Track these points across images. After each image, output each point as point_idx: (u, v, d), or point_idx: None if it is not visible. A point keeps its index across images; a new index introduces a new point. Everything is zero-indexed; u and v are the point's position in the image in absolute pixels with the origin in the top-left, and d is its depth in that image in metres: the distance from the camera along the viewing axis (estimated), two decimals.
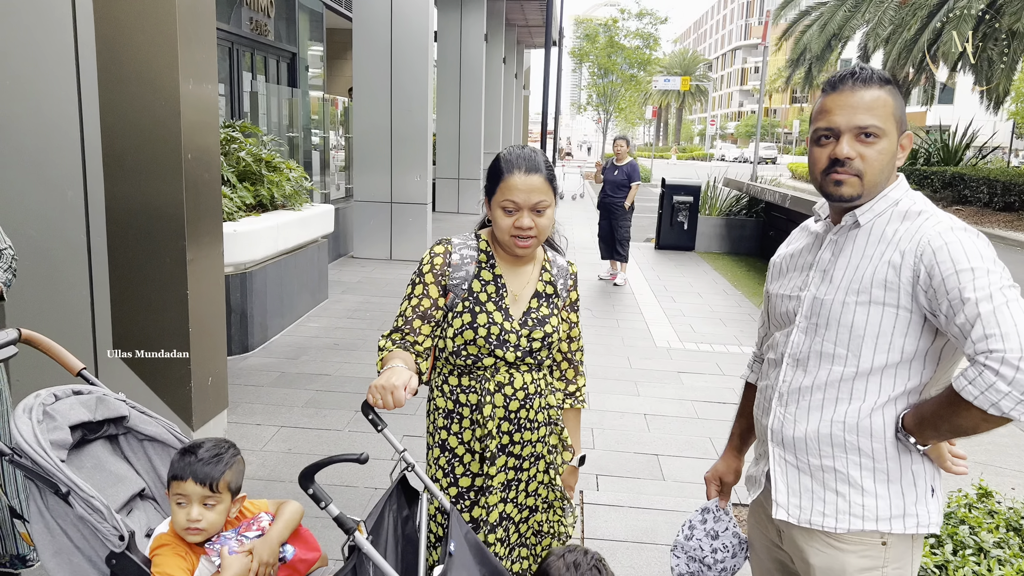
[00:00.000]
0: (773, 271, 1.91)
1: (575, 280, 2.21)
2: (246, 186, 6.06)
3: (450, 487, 2.07)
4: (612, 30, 37.05)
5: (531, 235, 1.96)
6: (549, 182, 1.98)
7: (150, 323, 3.59)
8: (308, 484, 1.59)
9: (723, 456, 2.12)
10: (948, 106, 40.09)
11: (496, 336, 1.99)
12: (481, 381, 2.02)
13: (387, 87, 9.87)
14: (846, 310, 1.62)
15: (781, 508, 1.73)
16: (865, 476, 1.64)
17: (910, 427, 1.59)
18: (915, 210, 1.63)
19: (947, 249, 1.50)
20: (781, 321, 1.81)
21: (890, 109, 1.61)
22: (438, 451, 2.10)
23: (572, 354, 2.24)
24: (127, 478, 2.16)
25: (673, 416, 4.99)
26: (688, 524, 2.09)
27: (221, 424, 4.01)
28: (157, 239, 3.53)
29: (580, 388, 2.26)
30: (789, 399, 1.73)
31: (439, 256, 2.05)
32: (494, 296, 2.03)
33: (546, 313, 2.07)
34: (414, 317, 2.03)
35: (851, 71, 1.64)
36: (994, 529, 2.89)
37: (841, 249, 1.68)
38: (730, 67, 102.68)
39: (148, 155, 3.47)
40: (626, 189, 9.14)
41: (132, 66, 3.42)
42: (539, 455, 2.12)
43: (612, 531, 3.50)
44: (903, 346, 1.58)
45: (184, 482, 1.84)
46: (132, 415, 2.19)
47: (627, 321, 7.56)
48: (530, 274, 2.10)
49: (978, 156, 22.72)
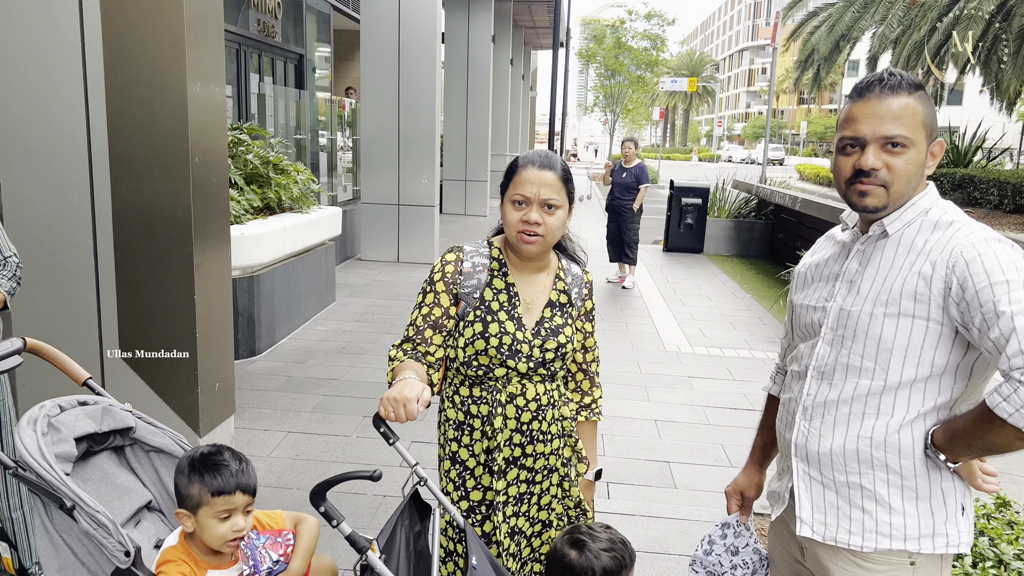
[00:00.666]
0: (797, 281, 1.86)
1: (590, 289, 2.16)
2: (253, 189, 6.03)
3: (461, 500, 2.03)
4: (619, 31, 36.99)
5: (538, 232, 1.91)
6: (564, 183, 1.95)
7: (157, 328, 3.56)
8: (320, 502, 1.54)
9: (744, 470, 2.07)
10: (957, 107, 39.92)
11: (508, 346, 1.94)
12: (492, 392, 1.97)
13: (395, 89, 9.83)
14: (874, 322, 1.56)
15: (805, 525, 1.68)
16: (893, 494, 1.58)
17: (940, 444, 1.54)
18: (946, 220, 1.57)
19: (981, 260, 1.45)
20: (806, 332, 1.76)
21: (919, 117, 1.56)
22: (448, 463, 2.05)
23: (587, 365, 2.18)
24: (134, 490, 2.11)
25: (684, 422, 4.93)
26: (708, 539, 2.04)
27: (228, 430, 3.98)
28: (164, 243, 3.49)
29: (596, 400, 2.21)
30: (814, 413, 1.67)
31: (450, 264, 2.01)
32: (506, 305, 1.98)
33: (560, 323, 2.02)
34: (425, 326, 1.98)
35: (879, 77, 1.59)
36: (1014, 540, 2.83)
37: (869, 259, 1.63)
38: (737, 68, 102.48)
39: (155, 158, 3.44)
40: (634, 191, 9.09)
41: (139, 68, 3.38)
42: (552, 468, 2.07)
43: None
44: (933, 360, 1.53)
45: (233, 495, 1.81)
46: (138, 426, 2.15)
47: (636, 325, 7.51)
48: (544, 283, 2.05)
49: (988, 158, 22.58)
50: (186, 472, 1.86)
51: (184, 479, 1.86)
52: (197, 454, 1.88)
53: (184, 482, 1.86)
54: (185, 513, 1.85)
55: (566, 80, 23.46)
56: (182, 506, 1.86)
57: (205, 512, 1.84)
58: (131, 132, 3.42)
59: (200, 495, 1.84)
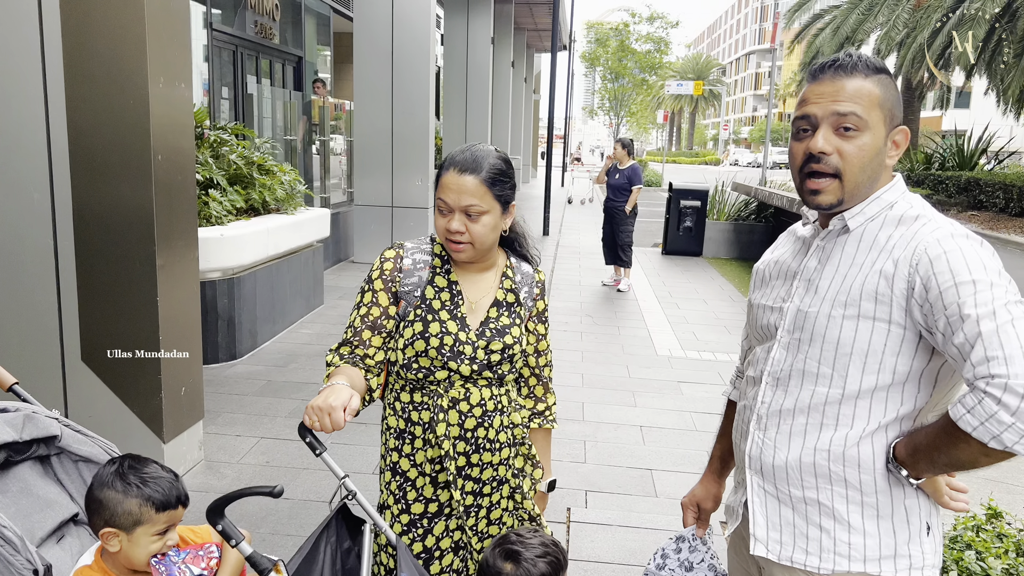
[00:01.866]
0: (756, 279, 1.75)
1: (543, 289, 2.04)
2: (237, 189, 5.94)
3: (402, 514, 1.91)
4: (623, 34, 36.90)
5: (462, 240, 1.81)
6: (489, 186, 1.80)
7: (119, 331, 3.45)
8: (218, 519, 1.43)
9: (702, 480, 1.94)
10: (964, 110, 39.61)
11: (450, 347, 1.83)
12: (434, 397, 1.85)
13: (388, 89, 9.74)
14: (832, 324, 1.44)
15: (759, 543, 1.56)
16: (852, 511, 1.47)
17: (902, 458, 1.42)
18: (911, 214, 1.46)
19: (946, 258, 1.34)
20: (762, 335, 1.64)
21: (875, 99, 1.44)
22: (389, 475, 1.93)
23: (540, 369, 2.06)
24: (57, 503, 2.00)
25: (670, 428, 4.80)
26: (661, 552, 1.92)
27: (196, 436, 3.87)
28: (126, 243, 3.39)
29: (550, 407, 2.08)
30: (768, 422, 1.56)
31: (389, 261, 1.90)
32: (448, 304, 1.87)
33: (506, 323, 1.90)
34: (363, 327, 1.87)
35: (834, 58, 1.48)
36: (1003, 554, 2.69)
37: (829, 256, 1.52)
38: (744, 72, 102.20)
39: (117, 156, 3.34)
40: (627, 193, 8.97)
41: (100, 63, 3.28)
42: (502, 479, 1.94)
43: (598, 552, 3.32)
44: (895, 366, 1.41)
45: (176, 510, 1.72)
46: (64, 434, 2.03)
47: (628, 328, 7.38)
48: (489, 281, 1.94)
49: (993, 161, 22.36)
50: (118, 486, 1.72)
51: (116, 494, 1.71)
52: (124, 466, 1.75)
53: (116, 497, 1.71)
54: (113, 532, 1.72)
55: (571, 83, 23.37)
56: (112, 524, 1.73)
57: (144, 530, 1.72)
58: (92, 129, 3.32)
59: (140, 512, 1.71)
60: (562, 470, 4.11)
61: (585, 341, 6.83)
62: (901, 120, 1.50)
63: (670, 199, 12.05)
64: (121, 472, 1.76)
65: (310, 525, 3.29)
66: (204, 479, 3.74)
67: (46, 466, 2.04)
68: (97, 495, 1.74)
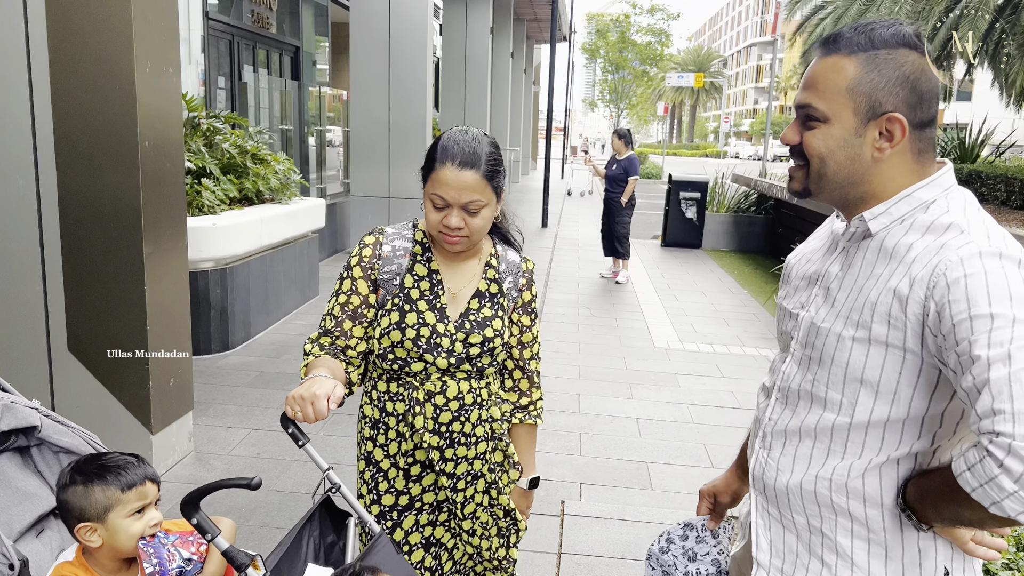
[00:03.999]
0: (785, 273, 1.56)
1: (529, 278, 1.94)
2: (230, 179, 5.88)
3: (372, 505, 1.87)
4: (623, 26, 36.73)
5: (461, 235, 1.73)
6: (488, 179, 1.72)
7: (106, 320, 3.40)
8: (192, 512, 1.37)
9: (725, 473, 1.78)
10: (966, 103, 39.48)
11: (427, 339, 1.77)
12: (410, 389, 1.80)
13: (385, 80, 9.66)
14: (841, 346, 1.27)
15: (762, 569, 1.43)
16: (857, 547, 1.31)
17: (911, 502, 1.25)
18: (943, 222, 1.22)
19: (965, 283, 1.12)
20: (782, 341, 1.49)
21: (844, 82, 1.25)
22: (363, 464, 1.90)
23: (525, 362, 1.96)
24: (37, 495, 1.95)
25: (667, 420, 4.76)
26: (666, 536, 1.77)
27: (185, 427, 3.82)
28: (113, 230, 3.34)
29: (534, 402, 1.99)
30: (773, 442, 1.42)
31: (368, 248, 1.83)
32: (427, 294, 1.80)
33: (488, 315, 1.83)
34: (344, 317, 1.81)
35: (831, 34, 1.33)
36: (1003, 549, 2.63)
37: (851, 263, 1.32)
38: (745, 64, 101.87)
39: (103, 143, 3.28)
40: (624, 184, 8.90)
41: (86, 48, 3.22)
42: (477, 473, 1.87)
43: (592, 545, 3.28)
44: (911, 400, 1.21)
45: (144, 486, 1.66)
46: (44, 424, 1.98)
47: (626, 320, 7.33)
48: (472, 270, 1.86)
49: (996, 153, 22.27)
50: (78, 480, 1.68)
51: (78, 488, 1.66)
52: (80, 461, 1.71)
53: (79, 491, 1.66)
54: (89, 526, 1.67)
55: (571, 75, 23.25)
56: (84, 519, 1.68)
57: (117, 514, 1.67)
58: (77, 115, 3.26)
59: (107, 497, 1.66)
60: (557, 462, 4.07)
61: (582, 333, 6.78)
62: (899, 106, 1.25)
63: (670, 191, 11.99)
64: (78, 467, 1.72)
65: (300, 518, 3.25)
66: (193, 471, 3.70)
67: (26, 457, 1.99)
68: (62, 497, 1.69)
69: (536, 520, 3.45)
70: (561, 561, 3.15)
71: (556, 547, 3.25)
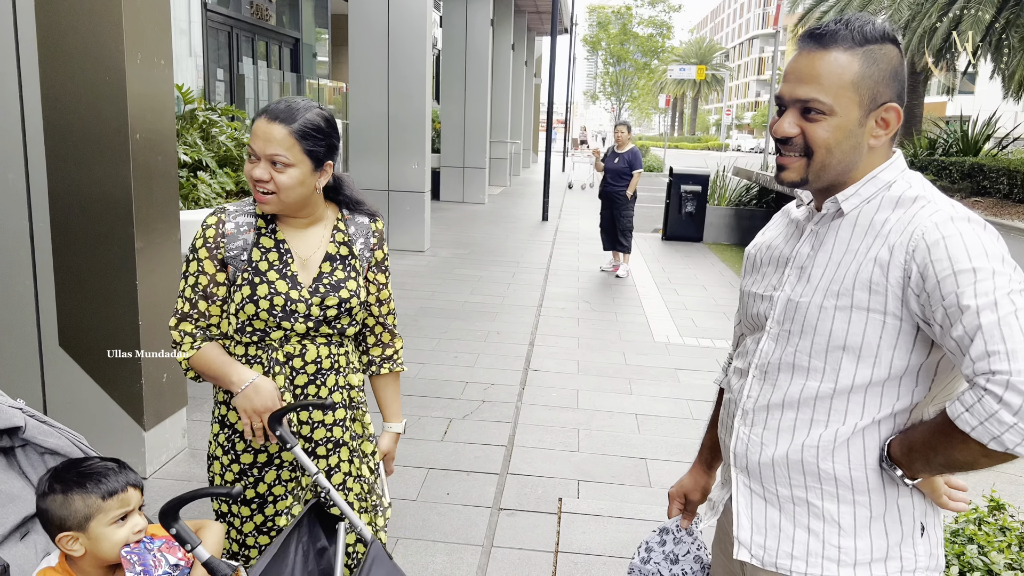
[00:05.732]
0: (747, 263, 1.64)
1: (380, 238, 2.01)
2: (227, 171, 5.83)
3: (232, 464, 1.91)
4: (625, 18, 36.58)
5: (268, 190, 1.76)
6: (298, 139, 1.75)
7: (98, 315, 3.36)
8: (171, 522, 1.33)
9: (691, 471, 1.85)
10: (969, 96, 39.31)
11: (281, 307, 1.81)
12: (269, 351, 1.85)
13: (384, 72, 9.60)
14: (824, 316, 1.35)
15: (743, 547, 1.47)
16: (843, 511, 1.38)
17: (897, 457, 1.33)
18: (910, 195, 1.35)
19: (944, 244, 1.23)
20: (752, 324, 1.55)
21: (848, 77, 1.32)
22: (218, 427, 1.94)
23: (384, 318, 2.05)
24: (21, 498, 1.90)
25: (666, 416, 4.72)
26: (645, 546, 1.84)
27: (179, 423, 3.78)
28: (104, 224, 3.29)
29: (397, 351, 2.11)
30: (755, 418, 1.47)
31: (211, 228, 1.86)
32: (276, 264, 1.84)
33: (341, 277, 1.89)
34: (196, 299, 1.85)
35: (812, 29, 1.37)
36: (1006, 548, 2.61)
37: (822, 242, 1.42)
38: (747, 56, 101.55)
39: (93, 135, 3.23)
40: (627, 177, 8.84)
41: (75, 38, 3.17)
42: (339, 441, 1.92)
43: (590, 544, 3.24)
44: (891, 361, 1.31)
45: (126, 493, 1.61)
46: (29, 425, 1.93)
47: (626, 315, 7.29)
48: (319, 235, 1.91)
49: (998, 146, 22.17)
50: (57, 489, 1.62)
51: (57, 496, 1.61)
52: (58, 468, 1.66)
53: (58, 500, 1.61)
54: (70, 535, 1.62)
55: (572, 67, 23.14)
56: (65, 528, 1.63)
57: (99, 522, 1.62)
58: (67, 107, 3.21)
59: (88, 506, 1.61)
60: (554, 459, 4.03)
61: (582, 327, 6.74)
62: (893, 97, 1.36)
63: (670, 184, 11.93)
64: (56, 474, 1.67)
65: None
66: (187, 467, 3.66)
67: (10, 459, 1.94)
68: (41, 505, 1.64)
69: (533, 518, 3.42)
70: (558, 560, 3.11)
71: (553, 545, 3.21)
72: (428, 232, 10.04)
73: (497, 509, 3.50)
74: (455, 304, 7.17)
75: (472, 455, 3.98)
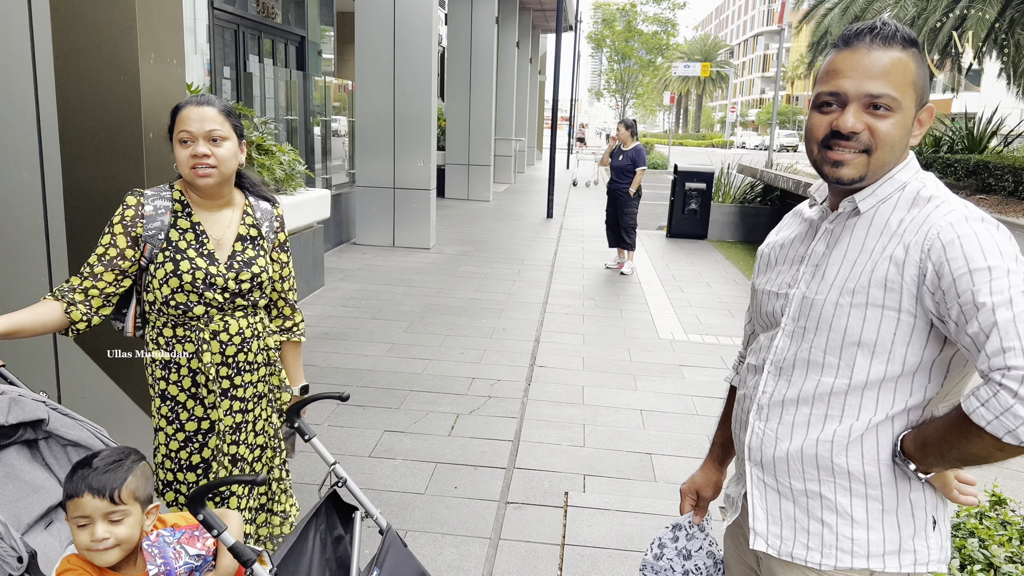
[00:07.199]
0: (760, 262, 1.68)
1: (281, 222, 2.27)
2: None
3: (177, 432, 2.10)
4: (629, 15, 36.54)
5: (210, 163, 1.97)
6: (226, 115, 2.01)
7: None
8: (199, 509, 1.38)
9: (702, 467, 1.90)
10: (975, 93, 39.19)
11: (202, 280, 2.02)
12: (196, 331, 2.05)
13: (390, 70, 9.64)
14: (839, 313, 1.39)
15: (759, 537, 1.51)
16: (856, 504, 1.42)
17: (911, 452, 1.37)
18: (924, 195, 1.38)
19: (959, 243, 1.27)
20: (766, 322, 1.59)
21: (910, 76, 1.37)
22: (159, 401, 2.12)
23: (286, 293, 2.32)
24: (45, 488, 1.96)
25: (671, 412, 4.76)
26: (658, 542, 1.87)
27: None
28: None
29: (297, 323, 2.37)
30: (770, 413, 1.51)
31: (131, 208, 2.06)
32: (194, 243, 2.06)
33: (252, 255, 2.13)
34: (98, 264, 2.03)
35: (870, 26, 1.38)
36: (1006, 542, 2.65)
37: (837, 241, 1.45)
38: (752, 53, 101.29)
39: (107, 133, 3.28)
40: (631, 174, 8.87)
41: (89, 38, 3.22)
42: (261, 394, 2.20)
43: (596, 537, 3.29)
44: (905, 357, 1.35)
45: (81, 498, 1.59)
46: (52, 417, 1.99)
47: (631, 312, 7.33)
48: (230, 218, 2.14)
49: (1004, 144, 22.12)
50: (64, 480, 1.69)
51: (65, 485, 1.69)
52: (86, 456, 1.71)
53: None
54: None
55: (576, 64, 23.13)
56: None
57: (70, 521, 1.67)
58: (82, 105, 3.27)
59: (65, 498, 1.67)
60: (560, 453, 4.08)
61: (587, 324, 6.78)
62: (928, 98, 1.42)
63: (675, 181, 11.95)
64: (80, 460, 1.71)
65: (307, 510, 3.27)
66: None
67: (34, 450, 2.00)
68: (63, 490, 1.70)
69: (539, 511, 3.47)
70: (564, 552, 3.16)
71: (559, 538, 3.26)
72: (433, 229, 10.08)
73: (504, 503, 3.55)
74: (461, 301, 7.22)
75: (479, 450, 4.03)
